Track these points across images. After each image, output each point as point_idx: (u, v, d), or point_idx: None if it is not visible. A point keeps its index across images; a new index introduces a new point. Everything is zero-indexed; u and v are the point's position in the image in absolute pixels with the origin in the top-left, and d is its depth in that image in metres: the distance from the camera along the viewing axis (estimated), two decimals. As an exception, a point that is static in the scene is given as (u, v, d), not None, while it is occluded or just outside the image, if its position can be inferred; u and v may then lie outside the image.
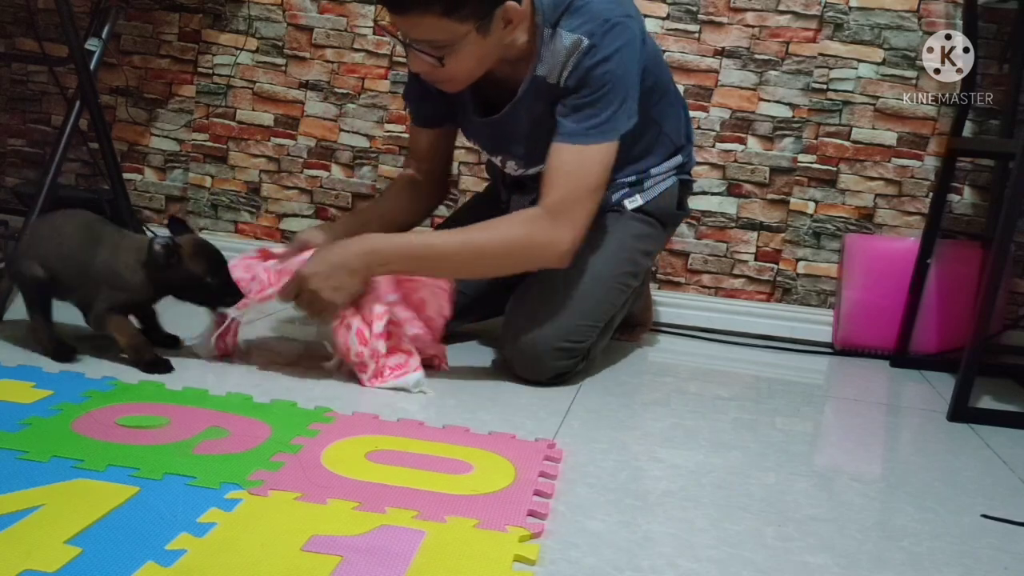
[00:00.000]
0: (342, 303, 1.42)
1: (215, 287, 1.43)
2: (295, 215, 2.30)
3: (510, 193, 1.73)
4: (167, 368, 1.42)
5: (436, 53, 1.40)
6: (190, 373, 1.41)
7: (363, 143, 2.25)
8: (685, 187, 1.75)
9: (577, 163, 1.45)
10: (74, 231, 1.44)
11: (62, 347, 1.43)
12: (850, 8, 2.03)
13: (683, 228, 2.12)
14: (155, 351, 1.44)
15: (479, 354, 1.71)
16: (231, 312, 1.47)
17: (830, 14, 2.04)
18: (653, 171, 1.66)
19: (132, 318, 1.46)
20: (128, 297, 1.42)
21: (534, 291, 1.57)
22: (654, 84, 1.57)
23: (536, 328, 1.50)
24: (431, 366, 1.53)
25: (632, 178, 1.65)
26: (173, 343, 1.53)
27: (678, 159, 1.69)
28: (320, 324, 1.49)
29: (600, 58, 1.42)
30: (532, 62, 1.48)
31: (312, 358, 1.54)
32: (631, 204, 1.64)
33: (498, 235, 1.46)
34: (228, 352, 1.52)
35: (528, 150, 1.58)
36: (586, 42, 1.42)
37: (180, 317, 1.53)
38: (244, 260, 1.51)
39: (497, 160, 1.67)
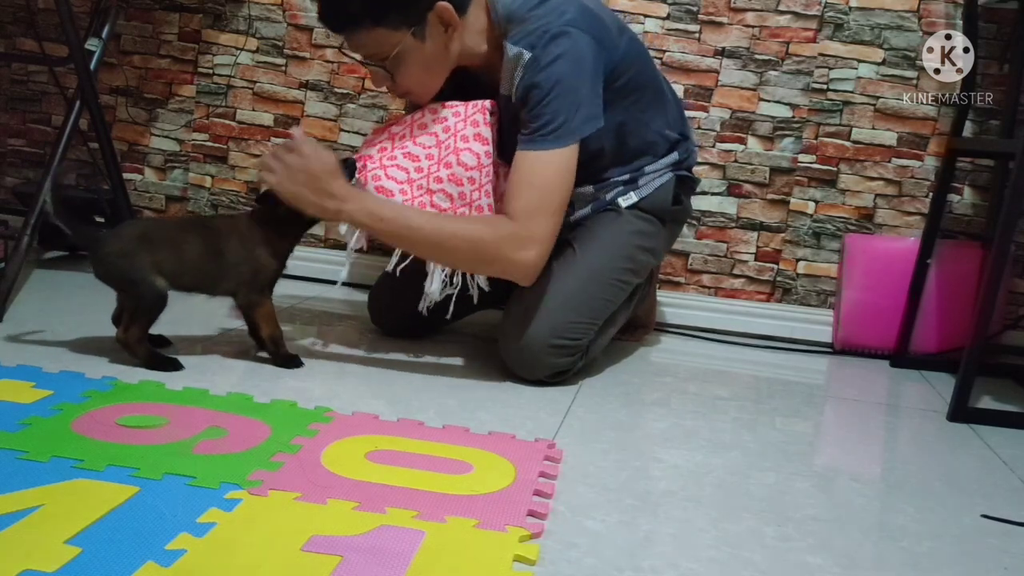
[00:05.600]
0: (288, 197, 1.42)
1: None
2: (295, 215, 2.30)
3: None
4: (299, 364, 1.49)
5: (383, 65, 1.47)
6: (190, 373, 1.41)
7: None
8: (684, 184, 1.74)
9: (532, 171, 1.45)
10: (189, 232, 1.46)
11: (160, 358, 1.43)
12: (850, 8, 2.03)
13: (683, 228, 2.11)
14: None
15: (479, 354, 1.71)
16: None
17: (830, 14, 2.04)
18: (648, 169, 1.66)
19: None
20: (274, 269, 1.48)
21: (529, 290, 1.57)
22: (627, 83, 1.56)
23: (530, 326, 1.50)
24: None
25: (626, 176, 1.65)
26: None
27: (674, 156, 1.69)
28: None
29: (539, 68, 1.44)
30: (500, 73, 1.51)
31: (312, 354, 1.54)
32: (625, 202, 1.64)
33: (471, 231, 1.46)
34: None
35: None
36: (527, 56, 1.44)
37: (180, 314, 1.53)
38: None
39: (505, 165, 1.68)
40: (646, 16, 2.07)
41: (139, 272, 1.39)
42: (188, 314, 1.62)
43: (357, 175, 1.50)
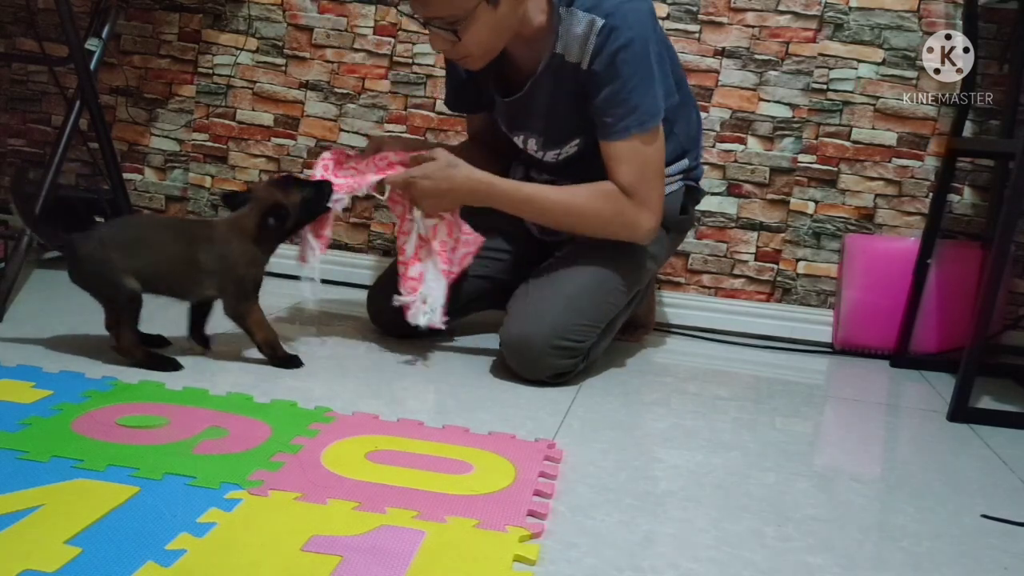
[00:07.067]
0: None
1: (313, 197, 1.50)
2: (295, 215, 2.30)
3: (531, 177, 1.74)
4: (298, 364, 1.49)
5: (451, 28, 1.45)
6: (190, 373, 1.41)
7: (363, 143, 2.25)
8: (691, 194, 1.75)
9: (633, 154, 1.50)
10: (163, 235, 1.44)
11: (159, 358, 1.43)
12: (850, 8, 2.03)
13: (685, 236, 2.11)
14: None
15: (479, 354, 1.71)
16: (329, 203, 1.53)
17: (830, 14, 2.03)
18: None
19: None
20: (255, 277, 1.48)
21: (533, 291, 1.57)
22: (671, 72, 1.58)
23: (533, 327, 1.51)
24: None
25: None
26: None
27: (684, 163, 1.69)
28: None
29: (623, 42, 1.45)
30: (550, 40, 1.51)
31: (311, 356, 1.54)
32: None
33: (592, 205, 1.53)
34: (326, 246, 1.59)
35: (546, 128, 1.61)
36: (600, 22, 1.45)
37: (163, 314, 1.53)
38: (325, 161, 1.60)
39: (519, 140, 1.68)
40: (646, 16, 2.07)
41: (111, 274, 1.38)
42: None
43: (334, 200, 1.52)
